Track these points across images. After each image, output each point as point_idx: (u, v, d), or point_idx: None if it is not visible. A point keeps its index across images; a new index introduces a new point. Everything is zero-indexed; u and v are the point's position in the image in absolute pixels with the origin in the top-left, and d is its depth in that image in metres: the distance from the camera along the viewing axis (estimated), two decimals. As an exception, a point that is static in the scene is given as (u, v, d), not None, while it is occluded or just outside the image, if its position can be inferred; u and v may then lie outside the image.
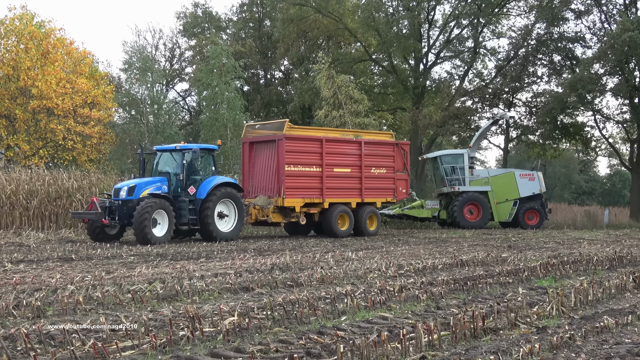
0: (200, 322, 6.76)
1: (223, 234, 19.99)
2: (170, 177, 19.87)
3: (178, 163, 20.04)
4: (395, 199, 25.14)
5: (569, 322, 7.27)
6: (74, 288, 9.27)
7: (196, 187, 19.89)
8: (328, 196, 22.85)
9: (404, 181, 25.17)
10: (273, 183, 22.26)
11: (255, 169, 22.93)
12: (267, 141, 22.62)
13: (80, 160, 31.78)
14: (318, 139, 22.93)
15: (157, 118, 33.99)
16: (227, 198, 20.16)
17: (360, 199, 23.68)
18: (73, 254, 14.83)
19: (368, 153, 24.00)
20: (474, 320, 6.60)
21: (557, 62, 40.16)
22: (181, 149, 19.95)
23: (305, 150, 22.57)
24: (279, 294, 9.07)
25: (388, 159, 24.62)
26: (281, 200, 21.81)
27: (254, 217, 21.78)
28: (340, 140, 23.61)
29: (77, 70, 32.78)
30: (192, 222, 19.63)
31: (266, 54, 47.93)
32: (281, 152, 21.93)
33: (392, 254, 15.30)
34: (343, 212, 23.01)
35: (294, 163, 22.15)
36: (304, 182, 22.41)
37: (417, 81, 42.84)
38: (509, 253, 15.59)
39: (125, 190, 19.03)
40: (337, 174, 23.23)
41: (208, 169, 20.68)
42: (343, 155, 23.49)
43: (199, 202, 19.73)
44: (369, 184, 23.97)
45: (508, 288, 9.83)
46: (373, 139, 24.65)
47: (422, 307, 8.17)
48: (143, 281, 10.08)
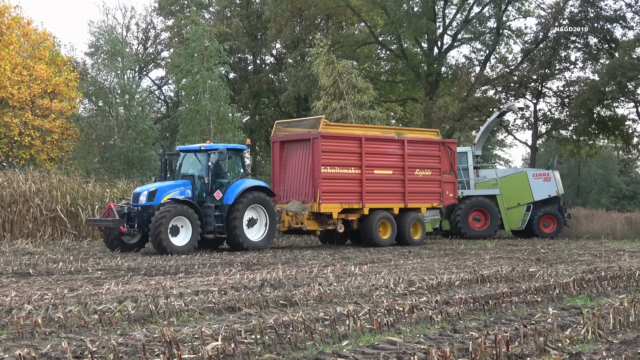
0: (179, 347, 6.76)
1: (253, 243, 20.67)
2: (194, 180, 20.51)
3: (203, 165, 20.63)
4: (441, 205, 25.77)
5: (607, 347, 7.27)
6: (31, 308, 9.26)
7: (223, 192, 20.50)
8: (368, 201, 23.47)
9: (452, 184, 25.98)
10: (307, 187, 22.93)
11: (286, 171, 23.64)
12: (300, 140, 23.34)
13: (39, 159, 31.79)
14: (357, 137, 23.57)
15: (129, 110, 33.99)
16: (257, 203, 20.77)
17: (403, 205, 24.31)
18: (31, 268, 14.81)
19: (412, 153, 24.67)
20: (497, 345, 6.61)
21: (593, 46, 40.26)
22: (206, 149, 20.51)
23: (343, 150, 23.25)
24: (270, 314, 9.07)
25: (434, 160, 25.35)
26: (317, 205, 22.45)
27: (287, 225, 22.44)
28: (381, 138, 24.30)
29: (35, 54, 32.82)
30: (219, 230, 20.19)
31: (255, 35, 47.98)
32: (316, 153, 22.57)
33: (401, 268, 15.30)
34: (384, 219, 23.65)
35: (331, 164, 22.82)
36: (342, 186, 23.09)
37: (430, 67, 42.91)
38: (537, 267, 15.61)
39: (145, 195, 19.70)
40: (378, 176, 23.88)
41: (236, 171, 21.36)
42: (384, 155, 24.20)
43: (226, 208, 20.29)
44: (413, 187, 24.63)
45: (536, 308, 9.83)
46: (417, 138, 25.35)
47: (436, 330, 8.18)
48: (112, 300, 10.08)
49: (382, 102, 43.60)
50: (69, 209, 24.72)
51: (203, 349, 6.71)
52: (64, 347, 6.76)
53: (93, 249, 20.98)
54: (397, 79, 47.50)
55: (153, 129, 34.47)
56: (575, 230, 32.56)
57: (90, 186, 26.21)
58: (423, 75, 43.24)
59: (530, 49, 42.20)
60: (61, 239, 23.97)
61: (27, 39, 33.17)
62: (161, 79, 54.32)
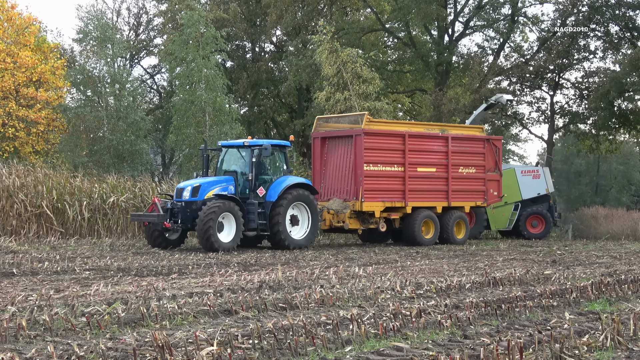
0: (172, 352, 6.78)
1: (296, 241, 21.55)
2: (237, 176, 21.50)
3: (246, 161, 21.63)
4: (485, 203, 26.54)
5: (627, 354, 7.29)
6: (15, 310, 9.28)
7: (266, 188, 21.44)
8: (411, 199, 24.37)
9: (496, 182, 26.77)
10: (349, 184, 23.83)
11: (327, 168, 24.61)
12: (342, 136, 24.31)
13: (24, 152, 31.81)
14: (400, 134, 24.48)
15: (119, 100, 33.98)
16: (300, 201, 21.65)
17: (446, 203, 25.20)
18: (14, 268, 14.84)
19: (456, 150, 25.57)
20: (510, 352, 6.62)
21: (614, 34, 40.19)
22: (250, 145, 21.51)
23: (386, 147, 24.19)
24: (269, 318, 9.08)
25: (478, 157, 26.28)
26: (359, 204, 23.32)
27: (328, 223, 23.38)
28: (424, 135, 25.25)
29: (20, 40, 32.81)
30: (261, 227, 21.19)
31: (254, 21, 47.94)
32: (359, 150, 23.47)
33: (408, 270, 15.33)
34: (428, 218, 24.59)
35: (374, 162, 23.75)
36: (385, 184, 24.00)
37: (440, 56, 42.85)
38: (553, 269, 15.63)
39: (188, 190, 20.73)
40: (421, 174, 24.78)
41: (280, 167, 22.25)
42: (428, 152, 25.16)
43: (269, 205, 21.22)
44: (457, 185, 25.52)
45: (552, 313, 9.85)
46: (461, 134, 26.32)
47: (445, 336, 8.19)
48: (101, 302, 10.10)
49: (388, 93, 43.56)
50: (55, 205, 24.73)
51: (197, 354, 6.73)
52: (50, 352, 6.78)
53: (80, 248, 21.00)
54: (405, 68, 47.44)
55: (145, 120, 34.45)
56: (593, 231, 32.55)
57: (78, 181, 26.21)
58: (433, 64, 43.18)
59: (547, 38, 42.10)
60: (47, 236, 23.96)
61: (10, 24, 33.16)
62: (154, 68, 54.31)
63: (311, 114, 40.79)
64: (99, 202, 25.52)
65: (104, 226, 25.49)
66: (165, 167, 48.51)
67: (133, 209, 25.97)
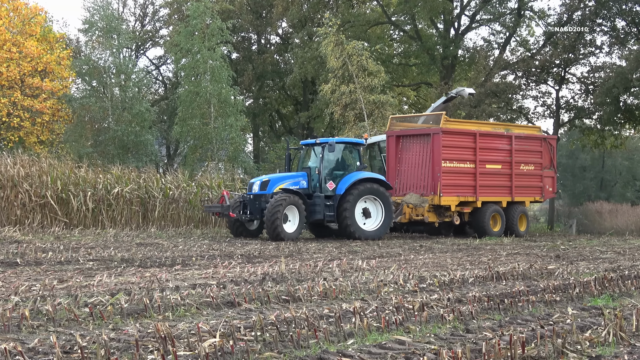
0: (174, 343, 6.78)
1: (367, 233, 22.95)
2: (310, 172, 23.30)
3: (318, 157, 23.39)
4: (542, 199, 28.42)
5: (629, 350, 7.27)
6: (18, 299, 9.29)
7: (336, 183, 23.08)
8: (481, 194, 26.16)
9: (551, 179, 28.45)
10: (426, 180, 25.46)
11: (402, 164, 26.15)
12: (418, 135, 25.92)
13: (29, 142, 31.87)
14: (472, 132, 26.21)
15: (124, 91, 34.03)
16: (370, 194, 23.09)
17: (510, 198, 27.05)
18: (18, 258, 14.86)
19: (518, 148, 27.38)
20: (512, 346, 6.61)
21: (620, 29, 40.05)
22: (320, 142, 23.30)
23: (460, 145, 25.82)
24: (272, 310, 9.09)
25: (536, 155, 28.06)
26: (437, 198, 24.98)
27: (408, 217, 24.80)
28: (492, 134, 27.01)
29: (25, 30, 32.83)
30: (329, 218, 22.82)
31: (260, 13, 47.91)
32: (437, 147, 25.11)
33: (411, 264, 15.32)
34: (495, 212, 26.44)
35: (450, 159, 25.40)
36: (459, 180, 25.69)
37: (446, 50, 42.81)
38: (556, 264, 15.60)
39: (258, 184, 22.83)
40: (489, 170, 26.59)
41: (353, 164, 23.83)
42: (495, 150, 26.89)
43: (337, 198, 22.78)
44: (519, 181, 27.35)
45: (554, 308, 9.84)
46: (523, 133, 28.18)
47: (447, 330, 8.19)
48: (104, 292, 10.11)
49: (394, 86, 43.54)
50: (59, 195, 24.78)
51: (200, 345, 6.73)
52: (53, 342, 6.79)
53: (84, 238, 21.03)
54: (411, 62, 47.42)
55: (150, 111, 34.50)
56: (598, 226, 32.53)
57: (82, 171, 26.25)
58: (438, 58, 43.14)
59: (553, 32, 41.97)
60: (51, 227, 24.02)
61: (17, 14, 33.18)
62: (159, 59, 54.38)
63: (316, 107, 40.81)
64: (104, 192, 25.56)
65: (108, 217, 25.54)
66: (170, 158, 48.56)
67: (137, 200, 26.00)
